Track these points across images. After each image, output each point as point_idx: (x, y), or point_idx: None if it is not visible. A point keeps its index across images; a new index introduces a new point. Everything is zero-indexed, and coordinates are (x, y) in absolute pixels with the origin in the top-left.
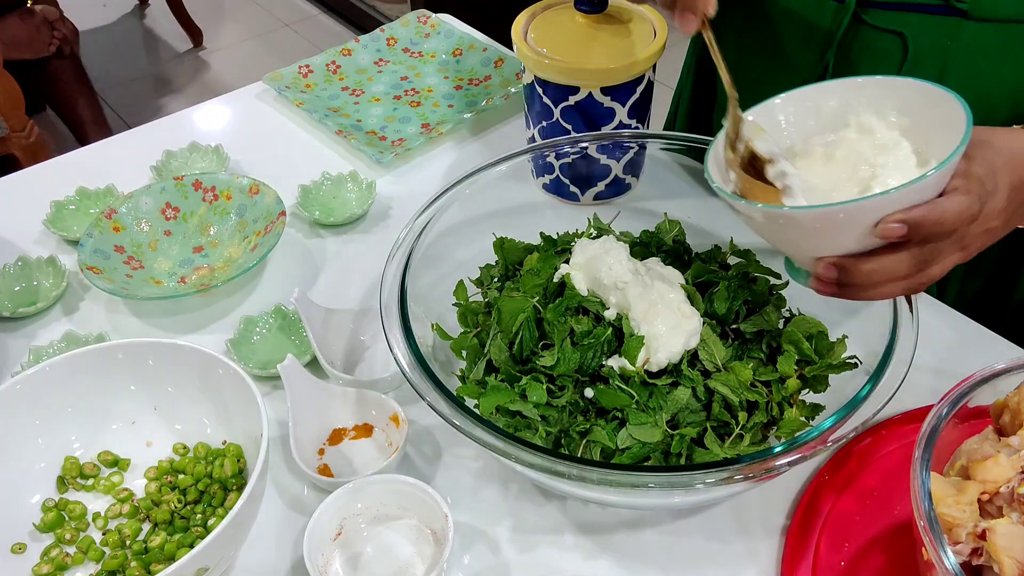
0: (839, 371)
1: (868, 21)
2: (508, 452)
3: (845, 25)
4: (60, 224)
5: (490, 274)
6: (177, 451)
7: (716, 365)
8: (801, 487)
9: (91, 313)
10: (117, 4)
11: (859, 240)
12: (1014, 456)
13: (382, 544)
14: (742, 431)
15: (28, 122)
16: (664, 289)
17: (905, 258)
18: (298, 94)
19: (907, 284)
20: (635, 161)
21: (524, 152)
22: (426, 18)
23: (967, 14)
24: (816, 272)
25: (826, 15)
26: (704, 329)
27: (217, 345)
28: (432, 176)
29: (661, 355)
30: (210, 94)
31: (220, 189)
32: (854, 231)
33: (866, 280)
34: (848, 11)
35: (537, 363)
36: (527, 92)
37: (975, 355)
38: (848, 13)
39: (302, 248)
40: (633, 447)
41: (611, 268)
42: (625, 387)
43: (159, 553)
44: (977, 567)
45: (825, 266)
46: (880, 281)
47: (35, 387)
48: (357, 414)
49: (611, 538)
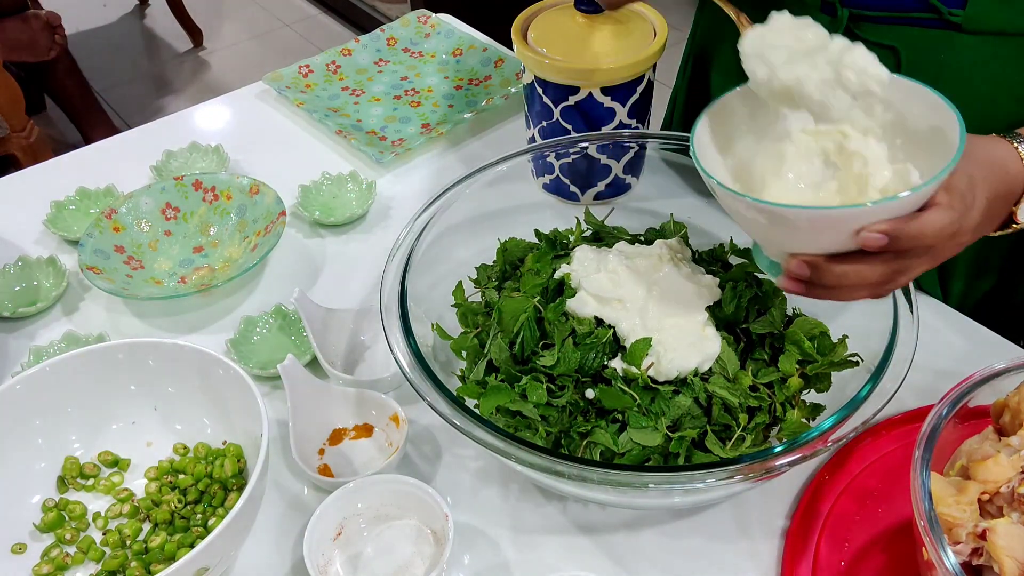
0: (841, 368)
1: (861, 35)
2: (508, 452)
3: None
4: (60, 224)
5: (487, 274)
6: (177, 451)
7: (727, 377)
8: (801, 487)
9: (91, 313)
10: (117, 4)
11: (837, 243)
12: (1014, 456)
13: (382, 544)
14: (744, 432)
15: (28, 122)
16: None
17: (879, 266)
18: (298, 94)
19: (874, 291)
20: (635, 161)
21: (524, 152)
22: (426, 18)
23: (961, 27)
24: (788, 267)
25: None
26: (721, 344)
27: (217, 345)
28: (432, 176)
29: (671, 366)
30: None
31: (220, 189)
32: (835, 235)
33: (836, 282)
34: (841, 25)
35: (537, 363)
36: (527, 92)
37: (975, 355)
38: (841, 27)
39: (302, 248)
40: (633, 450)
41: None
42: (627, 389)
43: (159, 553)
44: (977, 567)
45: (798, 263)
46: (849, 285)
47: (35, 387)
48: (357, 414)
49: (611, 538)
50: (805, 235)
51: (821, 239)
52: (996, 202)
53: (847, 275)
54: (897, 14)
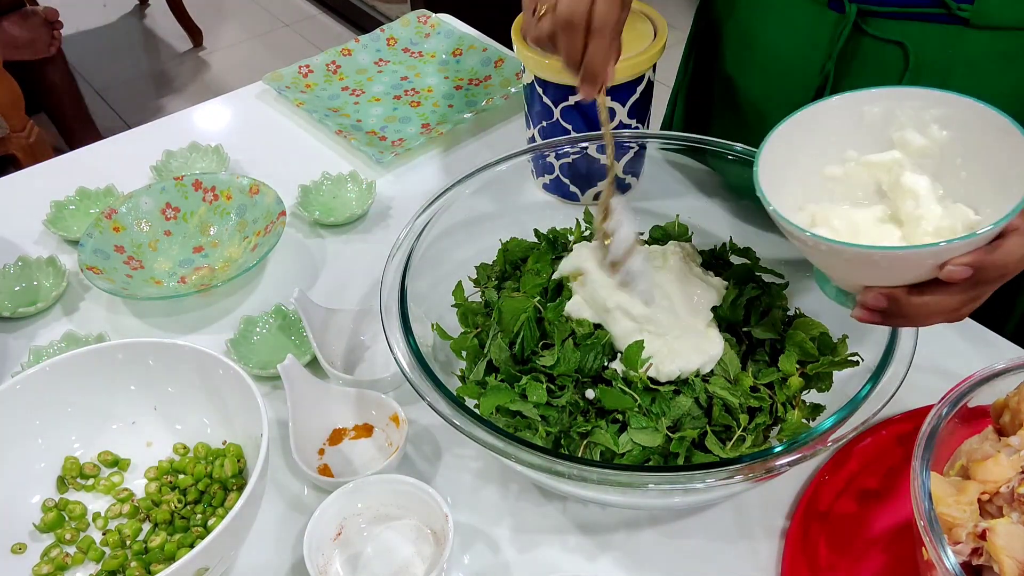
0: (841, 368)
1: (869, 31)
2: (508, 452)
3: (846, 36)
4: (60, 224)
5: (487, 274)
6: (177, 451)
7: (728, 379)
8: (801, 487)
9: (91, 313)
10: (117, 4)
11: (917, 277)
12: (1014, 456)
13: (382, 544)
14: (744, 433)
15: (28, 122)
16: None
17: (958, 295)
18: (298, 94)
19: (952, 316)
20: (635, 161)
21: (524, 152)
22: (426, 18)
23: (968, 22)
24: (864, 301)
25: (826, 26)
26: (724, 346)
27: (217, 345)
28: (432, 176)
29: (672, 367)
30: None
31: (220, 189)
32: (917, 270)
33: (915, 312)
34: (849, 21)
35: (537, 363)
36: (527, 92)
37: (975, 355)
38: (849, 24)
39: (302, 248)
40: (634, 450)
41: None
42: (628, 389)
43: (159, 553)
44: (977, 567)
45: (875, 296)
46: (928, 314)
47: (35, 387)
48: (357, 414)
49: (611, 538)
50: (885, 272)
51: (903, 274)
52: None
53: (926, 305)
54: (905, 9)
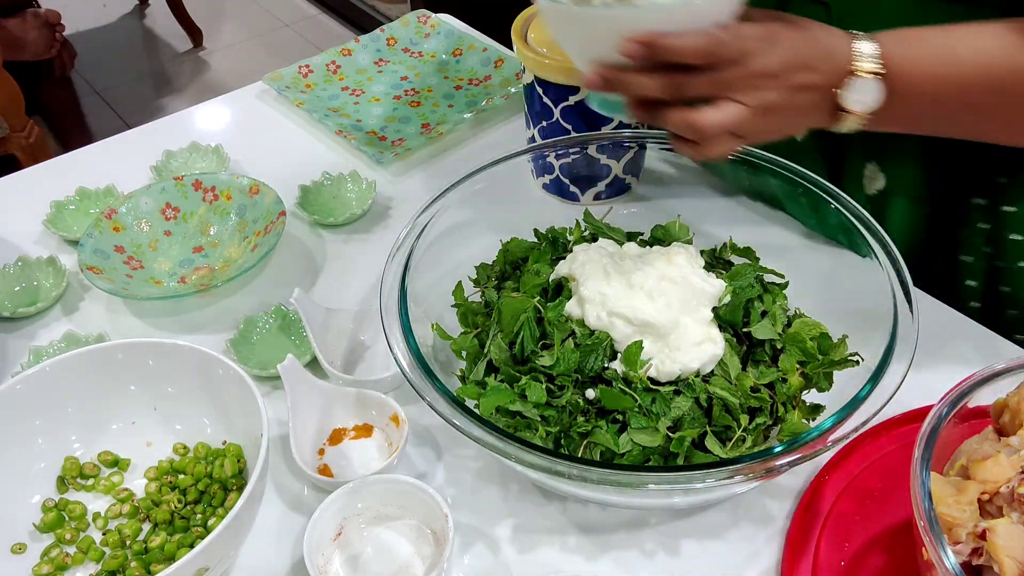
0: (841, 368)
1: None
2: (508, 452)
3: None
4: (60, 224)
5: (487, 274)
6: (177, 451)
7: (729, 379)
8: (801, 487)
9: (91, 313)
10: (117, 4)
11: (612, 51)
12: (1014, 456)
13: (382, 544)
14: (744, 433)
15: (28, 122)
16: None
17: (656, 78)
18: (298, 94)
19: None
20: (635, 161)
21: (524, 152)
22: (426, 18)
23: None
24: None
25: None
26: (724, 346)
27: (217, 345)
28: (432, 176)
29: (673, 367)
30: (210, 94)
31: (220, 189)
32: (608, 40)
33: (626, 89)
34: None
35: (537, 363)
36: (527, 92)
37: (975, 355)
38: None
39: (302, 248)
40: (634, 450)
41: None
42: (628, 390)
43: (159, 553)
44: (977, 567)
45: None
46: (634, 93)
47: (35, 387)
48: (357, 414)
49: (611, 538)
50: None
51: (598, 46)
52: (803, 70)
53: (630, 82)
54: None
